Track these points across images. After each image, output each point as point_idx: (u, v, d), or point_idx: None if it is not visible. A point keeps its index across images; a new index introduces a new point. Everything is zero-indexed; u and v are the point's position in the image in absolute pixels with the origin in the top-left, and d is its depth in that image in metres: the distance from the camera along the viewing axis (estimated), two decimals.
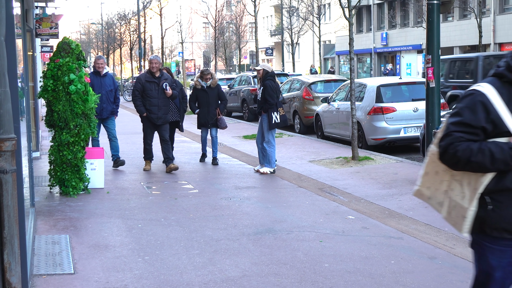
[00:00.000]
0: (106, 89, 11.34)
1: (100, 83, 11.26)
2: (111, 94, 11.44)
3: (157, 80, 11.03)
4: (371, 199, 8.50)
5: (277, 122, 10.62)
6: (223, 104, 12.20)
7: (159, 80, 11.04)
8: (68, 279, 5.44)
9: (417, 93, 13.76)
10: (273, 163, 10.74)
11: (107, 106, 11.42)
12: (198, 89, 11.94)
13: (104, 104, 11.28)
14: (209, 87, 11.89)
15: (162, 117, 11.06)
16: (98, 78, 11.29)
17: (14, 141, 4.21)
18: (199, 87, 11.94)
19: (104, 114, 11.44)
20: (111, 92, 11.45)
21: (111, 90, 11.45)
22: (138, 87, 11.05)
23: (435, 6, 9.17)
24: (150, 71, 11.08)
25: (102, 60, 11.60)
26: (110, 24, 59.09)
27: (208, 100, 11.84)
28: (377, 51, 48.78)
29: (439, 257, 5.96)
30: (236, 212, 7.90)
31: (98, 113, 10.91)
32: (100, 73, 11.39)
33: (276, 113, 10.61)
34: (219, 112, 11.98)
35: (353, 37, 12.06)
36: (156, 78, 11.03)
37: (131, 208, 8.23)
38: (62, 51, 8.87)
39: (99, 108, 10.98)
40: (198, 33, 69.69)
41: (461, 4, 34.79)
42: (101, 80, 11.33)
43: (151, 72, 11.07)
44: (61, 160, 8.86)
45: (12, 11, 4.74)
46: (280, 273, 5.53)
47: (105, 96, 11.28)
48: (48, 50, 25.78)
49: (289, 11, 43.65)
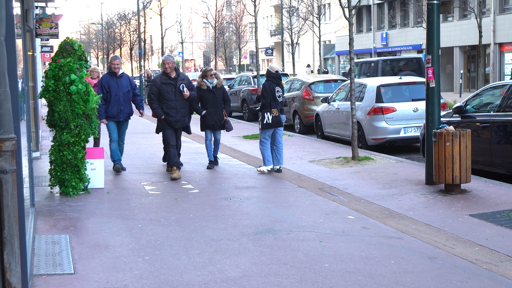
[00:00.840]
0: (123, 91, 10.87)
1: (116, 84, 10.84)
2: (128, 96, 10.96)
3: (173, 81, 10.45)
4: (371, 199, 8.50)
5: (269, 122, 10.60)
6: (227, 105, 11.70)
7: (176, 81, 10.47)
8: (68, 279, 5.45)
9: (417, 93, 13.77)
10: (268, 161, 10.71)
11: (125, 109, 10.89)
12: (203, 89, 11.36)
13: (121, 106, 10.84)
14: (215, 87, 11.41)
15: (181, 120, 10.55)
16: (115, 79, 10.85)
17: (14, 141, 4.21)
18: (204, 88, 11.37)
19: (122, 116, 10.93)
20: (129, 93, 10.97)
21: (129, 91, 10.98)
22: (154, 90, 10.45)
23: (435, 6, 9.17)
24: (165, 72, 10.49)
25: (118, 60, 10.97)
26: (110, 24, 59.10)
27: (215, 101, 11.38)
28: (377, 51, 48.78)
29: (439, 257, 5.96)
30: (236, 212, 7.90)
31: (115, 115, 10.78)
32: (116, 74, 10.91)
33: (269, 114, 10.61)
34: (225, 113, 11.57)
35: (353, 37, 12.06)
36: (172, 79, 10.46)
37: (131, 208, 8.23)
38: (64, 51, 8.87)
39: (116, 110, 10.77)
40: (198, 33, 69.75)
41: (461, 4, 34.80)
42: (118, 81, 10.87)
43: (165, 73, 10.48)
44: (61, 160, 8.86)
45: (12, 11, 4.74)
46: (280, 273, 5.53)
47: (122, 98, 10.84)
48: (48, 50, 25.80)
49: (289, 11, 43.62)
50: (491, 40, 35.53)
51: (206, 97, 11.36)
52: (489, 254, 6.01)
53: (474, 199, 8.26)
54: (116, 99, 10.80)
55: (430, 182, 9.26)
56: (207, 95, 11.36)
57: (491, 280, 5.33)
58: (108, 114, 10.80)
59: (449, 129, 8.67)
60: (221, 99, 11.50)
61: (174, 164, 10.36)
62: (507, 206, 7.81)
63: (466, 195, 8.49)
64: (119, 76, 10.91)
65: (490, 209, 7.70)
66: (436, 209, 7.83)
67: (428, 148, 9.24)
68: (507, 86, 9.93)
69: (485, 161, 9.88)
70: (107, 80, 10.85)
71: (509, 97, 9.64)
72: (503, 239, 6.49)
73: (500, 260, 5.82)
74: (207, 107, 11.35)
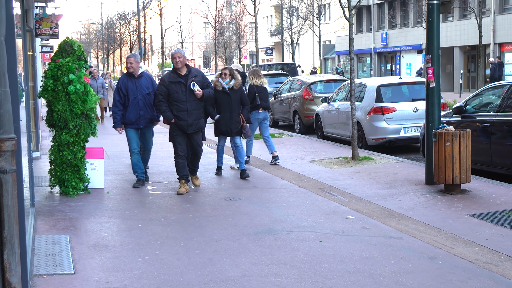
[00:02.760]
0: (142, 93, 9.48)
1: (135, 86, 9.48)
2: (150, 99, 9.48)
3: (183, 79, 8.93)
4: (371, 199, 8.50)
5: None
6: (246, 109, 10.46)
7: (186, 78, 8.94)
8: (68, 279, 5.45)
9: (417, 93, 13.77)
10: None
11: (145, 114, 9.50)
12: (218, 91, 10.16)
13: (141, 111, 9.46)
14: (231, 89, 10.21)
15: (194, 123, 9.02)
16: (133, 80, 9.51)
17: (14, 141, 4.21)
18: (219, 89, 10.18)
19: (142, 123, 9.54)
20: (150, 96, 9.48)
21: (149, 94, 9.49)
22: (162, 90, 8.95)
23: (435, 6, 9.18)
24: (175, 69, 9.01)
25: (132, 58, 9.58)
26: (110, 24, 59.15)
27: (230, 104, 10.17)
28: (377, 51, 48.79)
29: (439, 257, 5.96)
30: (236, 212, 7.90)
31: (134, 122, 9.48)
32: (134, 75, 9.56)
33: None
34: (243, 118, 10.34)
35: (353, 37, 12.06)
36: (182, 77, 8.94)
37: (131, 208, 8.23)
38: (64, 51, 8.88)
39: (135, 115, 9.45)
40: (198, 33, 69.76)
41: (461, 4, 34.79)
42: (136, 82, 9.49)
43: (175, 70, 9.00)
44: (61, 160, 8.86)
45: (12, 11, 4.74)
46: (280, 273, 5.54)
47: (141, 101, 9.46)
48: (48, 50, 25.81)
49: (289, 11, 43.66)
50: (491, 40, 35.53)
51: (220, 100, 10.19)
52: (489, 254, 6.01)
53: (474, 199, 8.26)
54: (134, 102, 9.44)
55: (430, 182, 9.26)
56: (222, 97, 10.19)
57: (491, 280, 5.33)
58: (126, 121, 9.50)
59: (449, 129, 8.67)
60: (237, 102, 10.26)
61: (183, 177, 9.14)
62: (507, 206, 7.81)
63: (466, 195, 8.49)
64: (138, 76, 9.56)
65: (490, 209, 7.70)
66: (436, 209, 7.83)
67: (428, 148, 9.24)
68: (507, 86, 9.94)
69: (485, 161, 9.88)
70: (124, 81, 9.53)
71: (509, 97, 9.64)
72: (503, 239, 6.49)
73: (500, 260, 5.82)
74: (221, 111, 10.22)
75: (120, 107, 9.48)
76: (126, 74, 9.64)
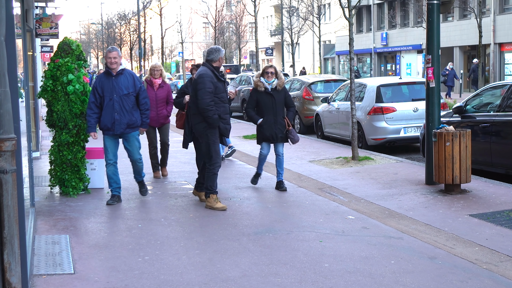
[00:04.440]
0: (119, 93, 8.15)
1: (111, 86, 8.17)
2: (129, 100, 8.21)
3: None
4: (371, 199, 8.50)
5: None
6: (291, 111, 9.41)
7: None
8: (68, 279, 5.45)
9: (417, 93, 13.78)
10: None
11: (121, 118, 8.17)
12: (260, 91, 9.10)
13: (116, 114, 8.16)
14: (274, 89, 9.14)
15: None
16: (110, 79, 8.21)
17: (14, 141, 4.21)
18: (261, 89, 9.10)
19: (118, 128, 8.20)
20: (129, 97, 8.21)
21: (128, 94, 8.21)
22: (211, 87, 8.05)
23: (435, 6, 9.18)
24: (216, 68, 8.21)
25: (115, 52, 8.26)
26: (110, 24, 59.16)
27: (274, 106, 9.09)
28: (377, 51, 48.79)
29: (439, 257, 5.96)
30: (236, 212, 7.90)
31: (109, 127, 8.21)
32: (112, 73, 8.24)
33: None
34: (288, 122, 9.26)
35: (353, 37, 12.06)
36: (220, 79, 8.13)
37: (131, 208, 8.23)
38: (63, 51, 8.89)
39: (110, 120, 8.17)
40: (198, 33, 69.74)
41: (461, 4, 34.81)
42: (113, 81, 8.19)
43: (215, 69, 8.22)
44: (61, 160, 8.87)
45: (12, 11, 4.74)
46: (280, 273, 5.53)
47: (117, 103, 8.14)
48: (48, 50, 25.81)
49: (289, 11, 43.66)
50: (491, 40, 35.53)
51: (263, 101, 9.09)
52: (489, 254, 6.01)
53: (474, 199, 8.26)
54: (110, 104, 8.16)
55: (430, 182, 9.26)
56: (265, 99, 9.09)
57: (491, 280, 5.33)
58: (101, 126, 8.29)
59: (449, 129, 8.67)
60: (282, 104, 9.22)
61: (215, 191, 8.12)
62: (507, 206, 7.81)
63: (466, 195, 8.49)
64: (116, 74, 8.22)
65: (490, 209, 7.70)
66: (436, 209, 7.83)
67: (428, 148, 9.24)
68: (507, 86, 9.94)
69: (485, 161, 9.88)
70: (101, 80, 8.27)
71: (509, 97, 9.64)
72: (503, 239, 6.49)
73: (500, 260, 5.82)
74: (264, 114, 9.11)
75: (95, 110, 8.22)
76: (105, 72, 8.32)
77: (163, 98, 10.35)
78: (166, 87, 10.45)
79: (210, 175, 8.06)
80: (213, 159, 8.02)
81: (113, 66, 8.18)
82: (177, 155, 12.58)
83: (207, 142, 8.03)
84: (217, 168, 8.08)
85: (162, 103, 10.38)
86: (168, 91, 10.50)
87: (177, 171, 11.02)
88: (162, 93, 10.34)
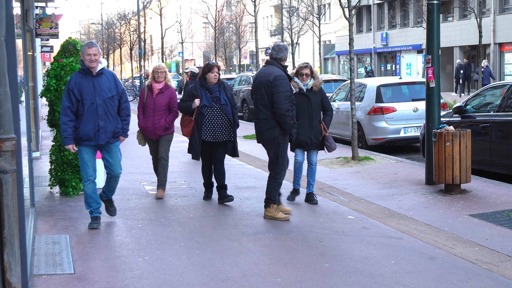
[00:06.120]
0: (103, 96, 6.96)
1: (92, 88, 6.94)
2: (113, 104, 7.06)
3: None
4: (371, 199, 8.50)
5: None
6: (328, 115, 8.47)
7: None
8: (68, 279, 5.45)
9: (417, 93, 13.79)
10: None
11: (107, 125, 6.99)
12: (295, 93, 8.01)
13: (101, 121, 6.96)
14: (310, 90, 8.24)
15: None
16: (90, 80, 6.96)
17: (14, 141, 4.21)
18: (296, 90, 8.12)
19: (102, 138, 6.98)
20: (113, 101, 7.06)
21: (112, 97, 7.05)
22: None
23: (435, 6, 9.18)
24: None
25: (95, 48, 6.96)
26: (110, 24, 59.15)
27: (310, 109, 8.17)
28: (377, 51, 48.80)
29: (439, 257, 5.96)
30: (236, 212, 7.90)
31: (92, 137, 6.94)
32: (92, 72, 6.99)
33: None
34: (325, 127, 8.41)
35: (353, 37, 12.06)
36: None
37: (131, 208, 8.23)
38: (67, 51, 8.91)
39: (93, 128, 6.93)
40: (198, 33, 69.78)
41: (461, 4, 34.82)
42: (94, 82, 6.97)
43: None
44: (62, 160, 8.87)
45: (12, 11, 4.74)
46: (280, 273, 5.53)
47: (102, 107, 6.95)
48: (48, 50, 25.81)
49: (289, 11, 43.64)
50: (491, 40, 35.54)
51: (298, 104, 7.97)
52: (489, 254, 6.01)
53: (474, 199, 8.26)
54: (92, 110, 6.92)
55: (430, 182, 9.26)
56: (299, 101, 8.07)
57: (491, 280, 5.33)
58: (80, 135, 6.95)
59: (449, 129, 8.67)
60: (318, 107, 8.32)
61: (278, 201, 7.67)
62: (507, 206, 7.81)
63: (466, 195, 8.49)
64: (97, 74, 7.00)
65: (490, 209, 7.70)
66: (436, 209, 7.83)
67: (428, 148, 9.24)
68: (507, 86, 9.94)
69: (485, 161, 9.88)
70: (77, 81, 6.96)
71: (509, 97, 9.64)
72: (503, 239, 6.49)
73: (500, 260, 5.82)
74: (298, 117, 8.09)
75: (71, 116, 6.92)
76: (81, 70, 7.03)
77: (162, 106, 8.79)
78: (167, 92, 8.83)
79: (274, 184, 7.51)
80: (279, 168, 7.48)
81: (93, 65, 6.92)
82: (177, 155, 12.57)
83: (276, 150, 7.42)
84: (282, 177, 7.56)
85: (161, 111, 8.78)
86: (171, 97, 8.86)
87: (177, 171, 11.02)
88: (162, 100, 8.78)
